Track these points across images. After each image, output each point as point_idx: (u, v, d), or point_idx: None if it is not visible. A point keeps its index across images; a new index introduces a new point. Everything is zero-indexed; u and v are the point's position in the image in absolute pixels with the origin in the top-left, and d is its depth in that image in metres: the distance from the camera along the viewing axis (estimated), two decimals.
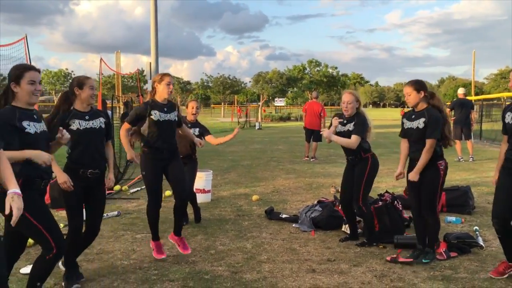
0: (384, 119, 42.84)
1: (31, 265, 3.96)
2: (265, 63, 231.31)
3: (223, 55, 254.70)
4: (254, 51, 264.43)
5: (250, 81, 53.70)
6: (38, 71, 3.15)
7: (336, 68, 55.89)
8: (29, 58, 5.16)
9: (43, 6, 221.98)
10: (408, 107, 4.62)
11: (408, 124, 4.48)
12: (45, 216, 3.13)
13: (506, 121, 3.91)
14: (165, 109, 4.44)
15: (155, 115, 4.38)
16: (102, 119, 3.94)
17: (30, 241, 4.80)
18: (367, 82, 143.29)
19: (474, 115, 12.18)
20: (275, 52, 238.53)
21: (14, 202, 2.45)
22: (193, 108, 5.78)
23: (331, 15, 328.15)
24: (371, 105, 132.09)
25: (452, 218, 5.92)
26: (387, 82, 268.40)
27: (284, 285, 3.89)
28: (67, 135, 3.39)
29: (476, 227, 5.42)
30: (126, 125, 4.49)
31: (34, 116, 3.16)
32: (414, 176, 4.32)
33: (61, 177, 3.63)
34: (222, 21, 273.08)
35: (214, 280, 4.00)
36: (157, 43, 25.58)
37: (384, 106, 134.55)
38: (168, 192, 7.33)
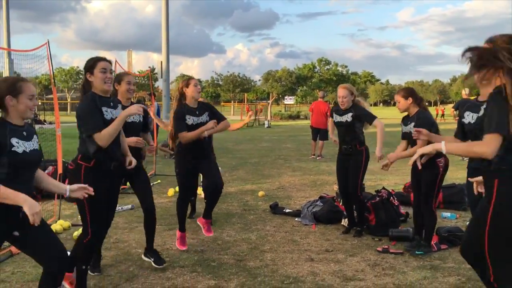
0: (393, 118, 42.82)
1: None
2: (275, 60, 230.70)
3: (234, 52, 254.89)
4: (265, 48, 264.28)
5: (259, 80, 54.06)
6: (109, 62, 3.54)
7: (346, 66, 56.10)
8: (51, 63, 5.54)
9: (56, 4, 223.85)
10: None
11: (404, 129, 4.83)
12: (96, 206, 3.45)
13: (466, 121, 3.46)
14: (197, 112, 4.71)
15: (189, 119, 4.64)
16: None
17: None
18: (378, 80, 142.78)
19: None
20: (285, 50, 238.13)
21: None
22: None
23: (342, 13, 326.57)
24: (381, 104, 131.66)
25: (447, 213, 6.24)
26: (398, 80, 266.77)
27: (284, 272, 4.26)
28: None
29: (469, 222, 5.73)
30: (185, 135, 4.56)
31: (111, 103, 3.54)
32: (392, 156, 4.70)
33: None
34: (232, 18, 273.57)
35: (220, 267, 4.38)
36: (168, 41, 25.94)
37: (394, 104, 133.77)
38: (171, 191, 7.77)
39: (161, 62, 25.01)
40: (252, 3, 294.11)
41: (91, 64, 3.48)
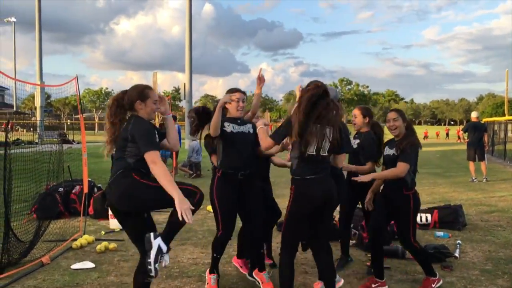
0: None
1: (80, 262, 5.07)
2: (299, 80, 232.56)
3: (258, 72, 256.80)
4: (289, 68, 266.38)
5: (281, 100, 54.77)
6: (244, 93, 4.39)
7: (367, 86, 56.33)
8: (80, 96, 6.26)
9: (85, 26, 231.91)
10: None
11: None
12: (226, 205, 4.29)
13: (385, 153, 4.59)
14: (239, 121, 4.32)
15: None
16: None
17: (102, 246, 5.86)
18: (402, 99, 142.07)
19: (486, 137, 12.69)
20: (309, 69, 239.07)
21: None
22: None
23: (366, 32, 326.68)
24: None
25: (440, 233, 6.65)
26: (424, 99, 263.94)
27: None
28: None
29: (459, 241, 6.14)
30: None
31: (238, 121, 4.33)
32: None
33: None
34: (256, 38, 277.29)
35: (223, 277, 4.92)
36: (191, 64, 26.76)
37: (419, 123, 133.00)
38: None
39: (184, 84, 25.99)
40: (276, 23, 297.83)
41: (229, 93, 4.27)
